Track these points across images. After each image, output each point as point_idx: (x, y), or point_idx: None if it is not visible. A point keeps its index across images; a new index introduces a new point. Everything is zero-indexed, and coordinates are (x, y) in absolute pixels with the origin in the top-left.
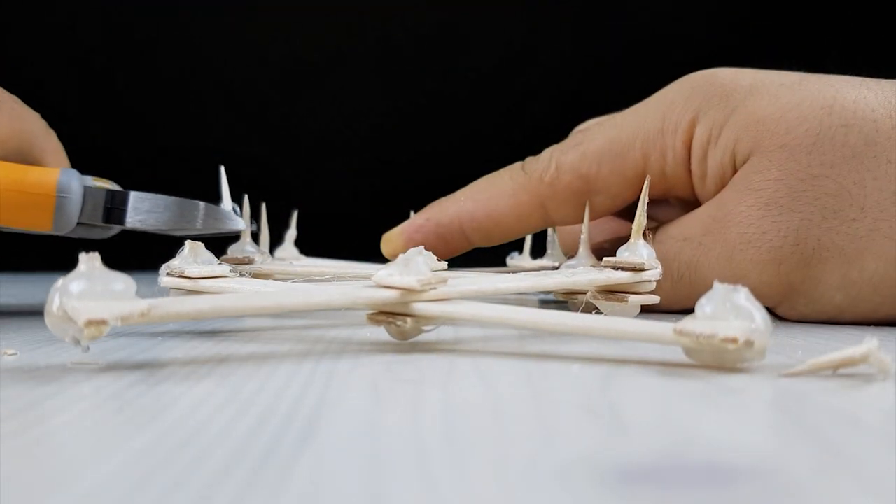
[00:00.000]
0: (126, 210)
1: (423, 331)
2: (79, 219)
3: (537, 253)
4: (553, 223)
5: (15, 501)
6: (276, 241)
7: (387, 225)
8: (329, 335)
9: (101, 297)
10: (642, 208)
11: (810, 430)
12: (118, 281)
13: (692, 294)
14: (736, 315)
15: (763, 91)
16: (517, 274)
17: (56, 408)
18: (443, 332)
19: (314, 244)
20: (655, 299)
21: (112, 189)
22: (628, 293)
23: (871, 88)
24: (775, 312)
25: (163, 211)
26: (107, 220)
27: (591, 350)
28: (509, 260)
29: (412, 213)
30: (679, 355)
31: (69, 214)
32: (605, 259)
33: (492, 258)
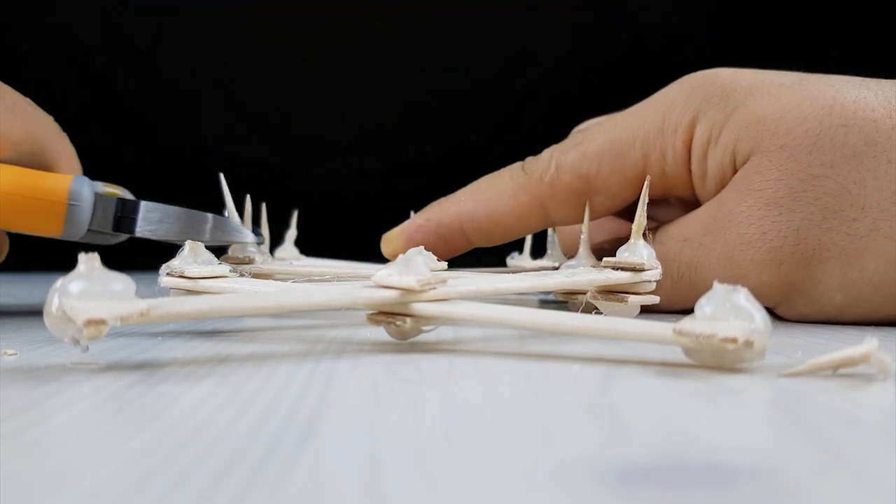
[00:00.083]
0: (136, 220)
1: (422, 331)
2: (89, 226)
3: (537, 253)
4: (553, 223)
5: (15, 501)
6: (277, 241)
7: (387, 225)
8: (329, 335)
9: (100, 297)
10: (642, 209)
11: (810, 430)
12: (117, 281)
13: (692, 294)
14: (736, 315)
15: (763, 91)
16: (517, 274)
17: (56, 408)
18: (443, 332)
19: (314, 244)
20: (655, 299)
21: (123, 198)
22: (628, 293)
23: (871, 88)
24: (775, 312)
25: (173, 222)
26: (116, 228)
27: (591, 350)
28: (509, 260)
29: (412, 213)
30: (679, 355)
31: (80, 222)
32: (604, 259)
33: (492, 258)
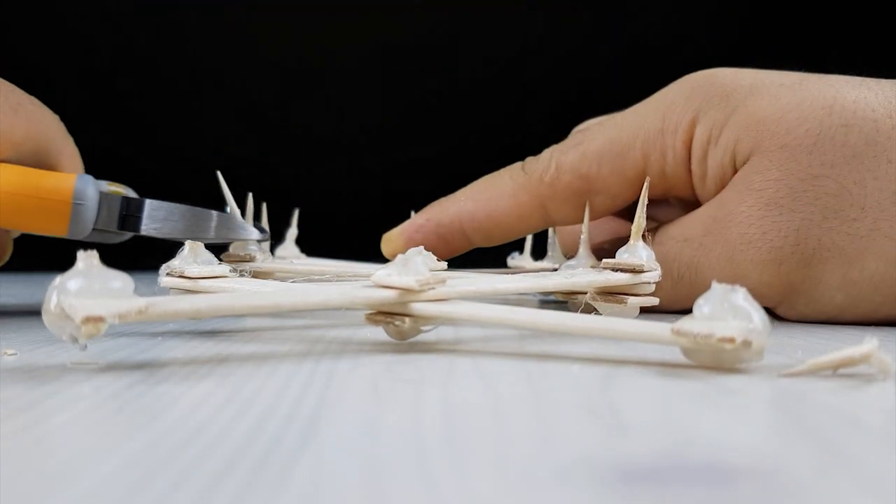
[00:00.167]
0: (141, 218)
1: (421, 331)
2: (94, 225)
3: (538, 254)
4: (553, 223)
5: (15, 501)
6: (278, 240)
7: (388, 224)
8: (329, 335)
9: (99, 294)
10: (642, 210)
11: (810, 430)
12: (116, 279)
13: (693, 294)
14: (734, 315)
15: (763, 91)
16: (516, 275)
17: (56, 408)
18: (443, 332)
19: (316, 244)
20: (655, 301)
21: (127, 196)
22: (627, 295)
23: (871, 88)
24: (775, 312)
25: (178, 220)
26: (122, 227)
27: (591, 350)
28: (510, 260)
29: (413, 212)
30: (679, 356)
31: (85, 221)
32: (604, 261)
33: (492, 258)
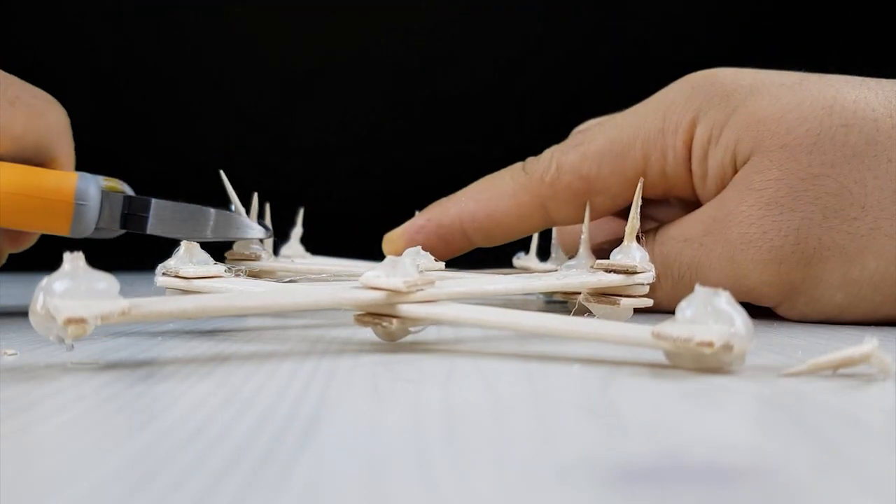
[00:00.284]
0: (147, 218)
1: (409, 332)
2: (96, 225)
3: (544, 253)
4: (554, 223)
5: (15, 501)
6: (283, 239)
7: (392, 223)
8: (329, 335)
9: (84, 296)
10: (635, 211)
11: (810, 430)
12: (101, 280)
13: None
14: (716, 319)
15: (763, 91)
16: (507, 276)
17: (56, 408)
18: (443, 332)
19: (321, 243)
20: (648, 302)
21: (129, 195)
22: (621, 296)
23: (871, 88)
24: (777, 312)
25: (183, 219)
26: (124, 225)
27: (591, 350)
28: (515, 260)
29: (417, 212)
30: None
31: (87, 221)
32: (597, 262)
33: (494, 259)
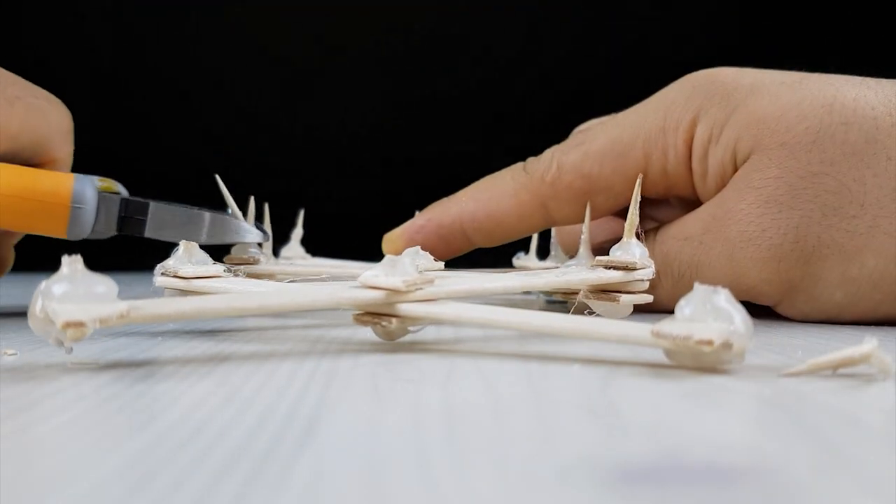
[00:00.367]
0: (145, 221)
1: (409, 331)
2: (93, 227)
3: (544, 253)
4: (554, 223)
5: (15, 501)
6: (281, 240)
7: (391, 223)
8: (329, 335)
9: (83, 299)
10: (634, 207)
11: (810, 430)
12: (100, 283)
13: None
14: (715, 317)
15: (764, 90)
16: (506, 274)
17: (56, 408)
18: (443, 332)
19: (321, 243)
20: (648, 298)
21: (126, 198)
22: (621, 292)
23: (871, 87)
24: (776, 311)
25: (181, 223)
26: (121, 228)
27: (591, 350)
28: (515, 260)
29: (417, 212)
30: None
31: (83, 224)
32: (597, 258)
33: (493, 259)
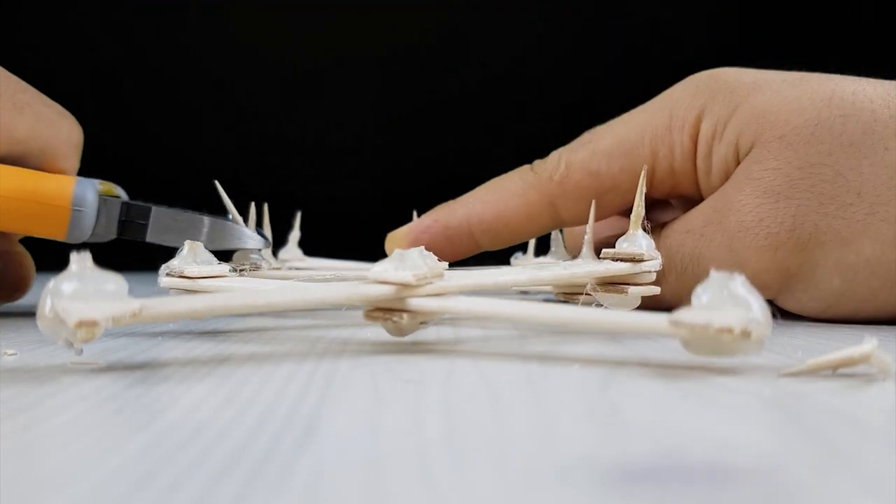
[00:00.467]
0: (147, 226)
1: (420, 326)
2: (93, 231)
3: (541, 254)
4: (563, 223)
5: (15, 501)
6: (280, 243)
7: (390, 226)
8: (329, 335)
9: (93, 297)
10: (640, 198)
11: (810, 430)
12: (110, 281)
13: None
14: (733, 304)
15: (765, 87)
16: (515, 267)
17: (56, 408)
18: (443, 332)
19: (321, 244)
20: (656, 290)
21: (127, 202)
22: (628, 284)
23: (870, 83)
24: (776, 303)
25: (182, 228)
26: (121, 232)
27: (592, 350)
28: (513, 260)
29: (415, 213)
30: (679, 356)
31: (84, 227)
32: (603, 250)
33: (499, 260)
